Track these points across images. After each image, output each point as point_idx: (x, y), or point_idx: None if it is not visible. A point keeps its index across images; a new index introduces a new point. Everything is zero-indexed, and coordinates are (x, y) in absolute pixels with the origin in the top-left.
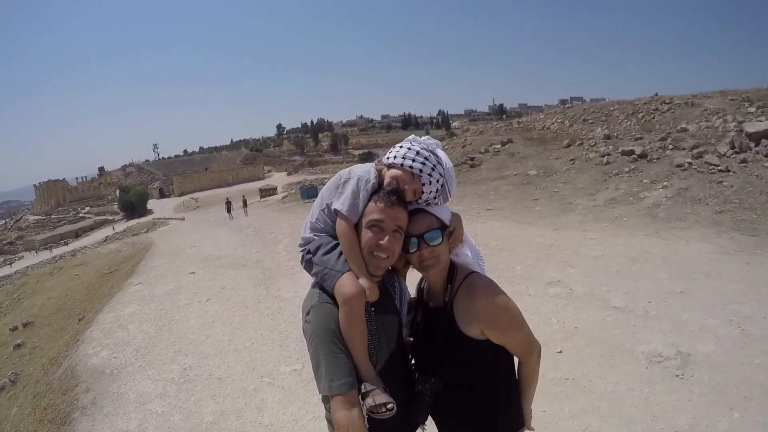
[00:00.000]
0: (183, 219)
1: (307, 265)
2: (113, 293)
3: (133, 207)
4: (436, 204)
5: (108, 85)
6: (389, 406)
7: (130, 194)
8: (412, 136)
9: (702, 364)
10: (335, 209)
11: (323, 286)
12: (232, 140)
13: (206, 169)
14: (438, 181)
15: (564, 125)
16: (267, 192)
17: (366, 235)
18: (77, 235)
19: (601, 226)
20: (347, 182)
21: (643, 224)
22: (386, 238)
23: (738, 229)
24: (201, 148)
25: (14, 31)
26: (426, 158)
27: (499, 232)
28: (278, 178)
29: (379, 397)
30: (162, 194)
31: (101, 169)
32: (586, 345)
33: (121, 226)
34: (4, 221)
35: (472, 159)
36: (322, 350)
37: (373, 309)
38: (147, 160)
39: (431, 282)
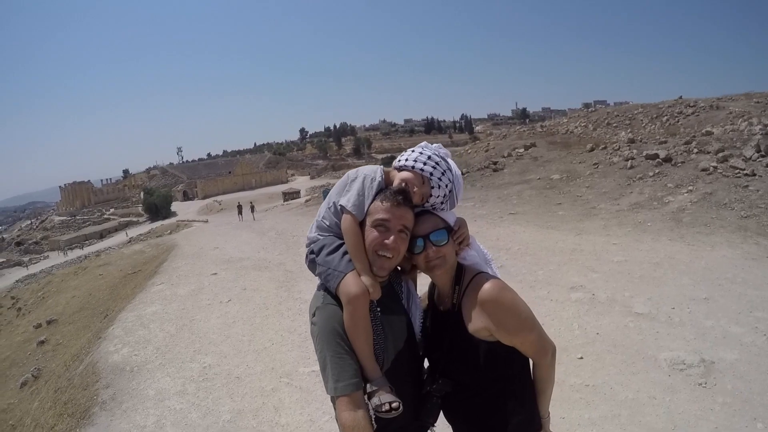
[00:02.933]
0: (206, 221)
1: (311, 264)
2: (136, 293)
3: (157, 209)
4: (443, 209)
5: (134, 89)
6: (395, 405)
7: (155, 196)
8: (423, 143)
9: (726, 372)
10: (341, 205)
11: (327, 287)
12: (255, 144)
13: (230, 172)
14: (446, 186)
15: (587, 129)
16: (290, 195)
17: (371, 234)
18: (101, 236)
19: (625, 231)
20: (354, 181)
21: (667, 229)
22: (392, 237)
23: (764, 234)
24: (225, 151)
25: (40, 33)
26: (437, 163)
27: (522, 236)
28: (301, 182)
29: (384, 397)
30: (186, 197)
31: (126, 172)
32: (608, 351)
33: (144, 228)
34: (29, 222)
35: (495, 163)
36: (327, 351)
37: (379, 309)
38: (171, 163)
39: (439, 284)
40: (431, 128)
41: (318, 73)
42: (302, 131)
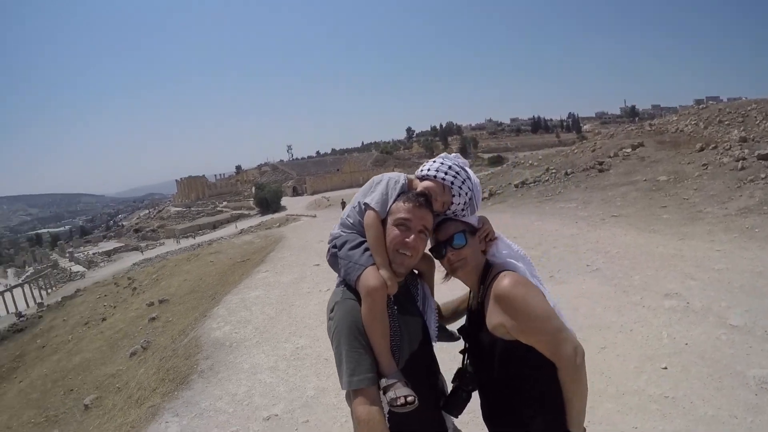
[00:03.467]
0: (314, 216)
1: (332, 258)
2: (242, 279)
3: (268, 203)
4: (464, 215)
5: (247, 87)
6: (410, 398)
7: (265, 191)
8: (444, 153)
9: None
10: (365, 203)
11: (347, 283)
12: (362, 143)
13: (338, 170)
14: (467, 194)
15: (698, 127)
16: None
17: (392, 232)
18: (214, 226)
19: (730, 237)
20: (379, 183)
21: None
22: (412, 236)
23: None
24: (333, 149)
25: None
26: (457, 173)
27: (622, 239)
28: None
29: (400, 390)
30: (295, 192)
31: (238, 168)
32: (694, 363)
33: (255, 221)
34: (147, 211)
35: (600, 163)
36: (344, 345)
37: (396, 308)
38: (281, 160)
39: (467, 284)
40: (538, 127)
41: (424, 71)
42: (409, 130)
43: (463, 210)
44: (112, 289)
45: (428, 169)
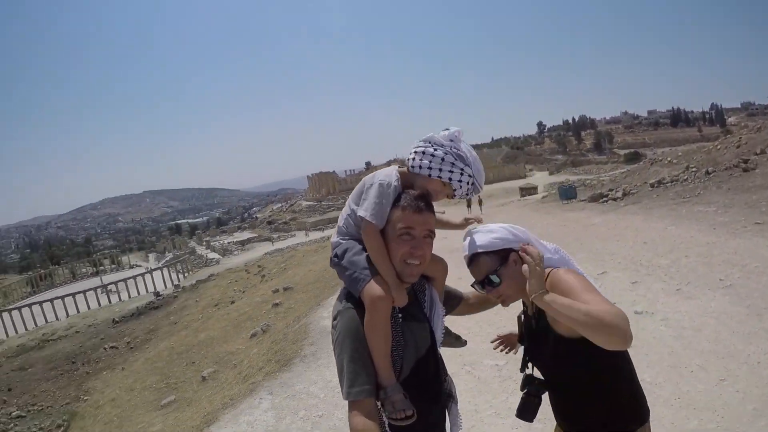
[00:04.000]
0: (443, 213)
1: (336, 267)
2: None
3: None
4: (468, 197)
5: (371, 87)
6: (408, 413)
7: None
8: (429, 135)
9: None
10: (360, 216)
11: (350, 292)
12: (492, 138)
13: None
14: (467, 182)
15: None
16: (527, 191)
17: (397, 244)
18: None
19: None
20: (370, 188)
21: None
22: (418, 245)
23: None
24: None
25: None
26: (450, 162)
27: (763, 252)
28: (539, 177)
29: (398, 404)
30: None
31: (368, 164)
32: None
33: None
34: (280, 204)
35: (745, 161)
36: (345, 355)
37: (400, 315)
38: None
39: (524, 300)
40: (677, 120)
41: (557, 62)
42: (540, 124)
43: (467, 194)
44: (242, 276)
45: (420, 167)
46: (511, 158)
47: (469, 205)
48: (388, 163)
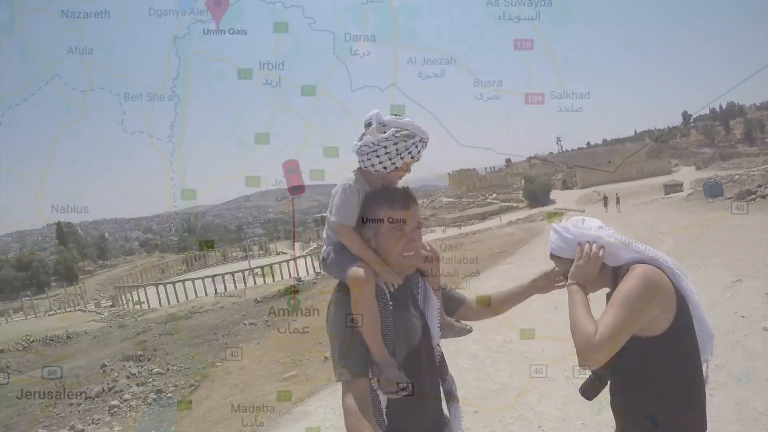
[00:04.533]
0: (583, 211)
1: (327, 269)
2: (486, 268)
3: (537, 196)
4: (419, 154)
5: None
6: (402, 385)
7: (534, 184)
8: (366, 137)
9: None
10: (332, 221)
11: (342, 283)
12: (635, 131)
13: (609, 162)
14: (412, 149)
15: None
16: (672, 188)
17: (392, 241)
18: (483, 217)
19: None
20: (335, 195)
21: None
22: (411, 237)
23: None
24: (604, 140)
25: None
26: (387, 149)
27: None
28: (685, 173)
29: (392, 377)
30: (565, 185)
31: (508, 161)
32: None
33: (523, 213)
34: (421, 201)
35: None
36: (336, 339)
37: (391, 303)
38: (551, 153)
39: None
40: None
41: (700, 42)
42: (685, 115)
43: (419, 152)
44: None
45: (373, 165)
46: (655, 153)
47: (605, 204)
48: (528, 160)
